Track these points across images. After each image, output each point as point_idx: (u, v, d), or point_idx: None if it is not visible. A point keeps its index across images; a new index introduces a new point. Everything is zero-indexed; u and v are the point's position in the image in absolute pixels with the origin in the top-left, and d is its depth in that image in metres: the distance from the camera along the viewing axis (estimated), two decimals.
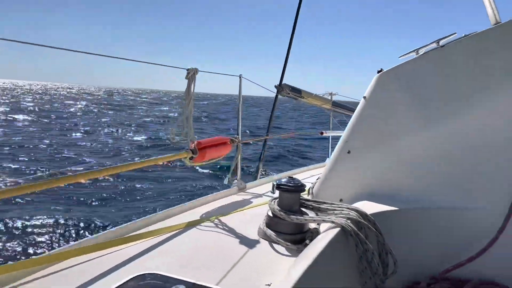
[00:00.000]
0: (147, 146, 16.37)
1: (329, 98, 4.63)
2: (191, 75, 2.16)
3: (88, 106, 42.91)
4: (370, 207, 1.75)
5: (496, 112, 1.78)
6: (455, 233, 1.78)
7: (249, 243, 1.67)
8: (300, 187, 1.72)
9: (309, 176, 3.25)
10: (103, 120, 27.59)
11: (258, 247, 1.62)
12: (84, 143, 16.33)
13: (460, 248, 1.76)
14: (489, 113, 1.79)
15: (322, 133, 4.62)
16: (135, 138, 18.90)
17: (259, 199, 2.51)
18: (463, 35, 1.82)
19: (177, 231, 1.80)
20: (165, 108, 45.70)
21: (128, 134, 20.38)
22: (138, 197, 8.78)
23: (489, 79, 1.78)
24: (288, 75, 3.79)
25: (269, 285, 1.28)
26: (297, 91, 3.86)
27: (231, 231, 1.82)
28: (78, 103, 49.20)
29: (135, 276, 1.18)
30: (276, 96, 3.83)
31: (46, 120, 25.28)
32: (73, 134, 19.28)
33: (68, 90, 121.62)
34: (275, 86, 3.73)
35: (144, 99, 75.01)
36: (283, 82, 3.81)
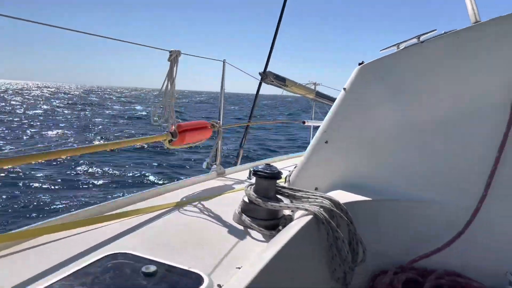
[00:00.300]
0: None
1: (313, 88, 4.66)
2: (174, 57, 2.14)
3: (57, 107, 39.87)
4: (343, 197, 1.78)
5: (472, 108, 1.81)
6: (424, 225, 1.83)
7: (224, 228, 1.68)
8: (276, 174, 1.73)
9: (291, 165, 3.28)
10: (64, 121, 25.25)
11: (233, 232, 1.64)
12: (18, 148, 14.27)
13: (428, 240, 1.81)
14: (465, 109, 1.82)
15: (304, 122, 4.67)
16: (92, 143, 16.84)
17: (238, 184, 2.53)
18: (443, 32, 1.84)
19: (154, 213, 1.81)
20: (138, 107, 42.99)
21: (84, 138, 18.14)
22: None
23: (465, 76, 1.81)
24: (277, 72, 3.79)
25: (239, 268, 1.30)
26: (281, 79, 3.86)
27: (208, 215, 1.84)
28: (47, 103, 46.03)
29: (107, 255, 1.18)
30: (260, 83, 3.83)
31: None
32: (23, 137, 17.22)
33: (46, 89, 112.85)
34: (259, 73, 3.72)
35: (121, 99, 70.58)
36: (267, 70, 3.81)
